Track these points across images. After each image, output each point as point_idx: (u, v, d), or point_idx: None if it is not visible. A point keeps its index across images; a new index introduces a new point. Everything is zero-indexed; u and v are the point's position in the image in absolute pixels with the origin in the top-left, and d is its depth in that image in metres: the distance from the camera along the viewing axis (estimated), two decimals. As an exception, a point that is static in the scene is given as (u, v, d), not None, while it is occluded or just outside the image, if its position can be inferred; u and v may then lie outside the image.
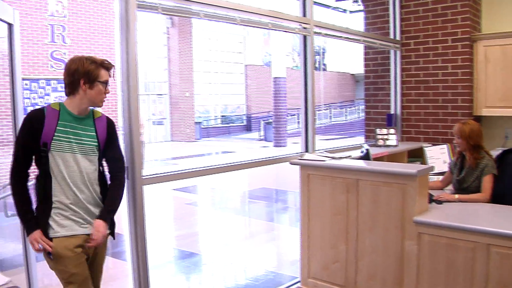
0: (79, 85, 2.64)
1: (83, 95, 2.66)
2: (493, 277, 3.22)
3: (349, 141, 13.06)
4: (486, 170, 4.04)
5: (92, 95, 2.68)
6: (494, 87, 5.44)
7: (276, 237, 7.20)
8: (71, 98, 2.69)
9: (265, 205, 9.92)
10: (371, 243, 3.84)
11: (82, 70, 2.63)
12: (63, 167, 2.64)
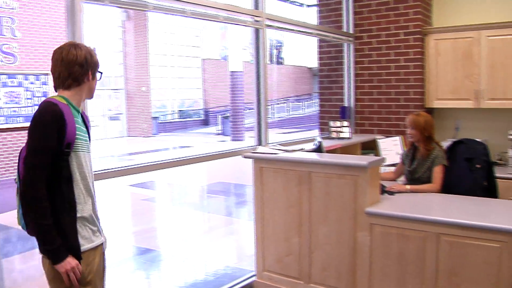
0: (87, 76, 2.40)
1: (86, 87, 2.43)
2: (443, 265, 3.30)
3: (307, 134, 13.13)
4: (436, 161, 4.12)
5: (93, 86, 2.47)
6: (444, 80, 5.56)
7: (235, 231, 7.20)
8: (74, 90, 2.39)
9: (223, 199, 9.90)
10: (324, 235, 3.87)
11: (92, 60, 2.42)
12: (79, 169, 2.36)
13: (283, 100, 27.95)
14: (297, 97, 29.39)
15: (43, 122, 2.24)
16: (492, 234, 3.12)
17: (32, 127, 2.25)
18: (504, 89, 5.23)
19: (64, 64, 2.35)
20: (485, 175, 4.20)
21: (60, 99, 2.33)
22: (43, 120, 2.24)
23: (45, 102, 2.29)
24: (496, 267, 3.10)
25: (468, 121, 5.76)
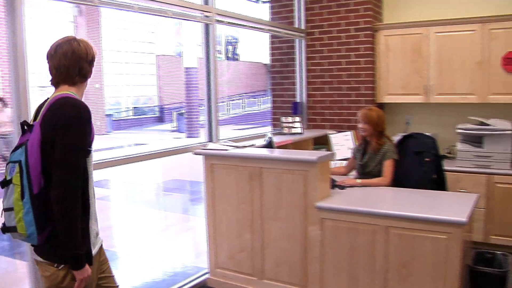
0: (90, 74, 2.32)
1: (85, 84, 2.34)
2: (393, 258, 3.36)
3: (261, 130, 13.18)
4: (387, 155, 4.18)
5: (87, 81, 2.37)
6: (395, 75, 5.65)
7: (191, 229, 7.15)
8: (78, 87, 2.28)
9: (179, 196, 9.82)
10: (276, 231, 3.88)
11: (93, 55, 2.32)
12: (89, 168, 2.26)
13: (239, 97, 27.92)
14: (253, 93, 29.39)
15: (81, 119, 2.14)
16: (439, 226, 3.19)
17: (69, 124, 2.11)
18: (452, 84, 5.36)
19: (74, 58, 2.24)
20: (434, 168, 4.28)
21: (73, 95, 2.23)
22: (80, 117, 2.14)
23: (68, 98, 2.18)
24: (444, 258, 3.18)
25: (418, 116, 5.88)
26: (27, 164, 2.09)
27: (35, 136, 2.12)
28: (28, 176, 2.09)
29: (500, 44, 5.11)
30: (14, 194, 2.10)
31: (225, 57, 28.81)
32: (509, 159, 4.97)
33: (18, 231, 2.12)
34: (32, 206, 2.08)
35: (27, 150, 2.11)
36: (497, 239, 5.01)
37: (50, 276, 2.20)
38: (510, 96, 5.12)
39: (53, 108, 2.15)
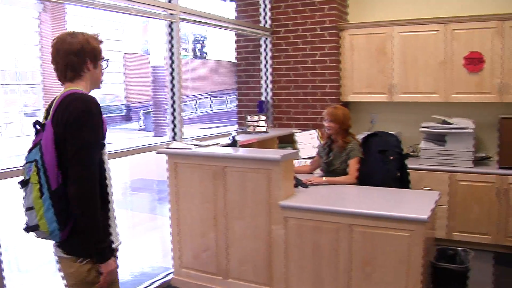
0: (85, 66, 2.26)
1: (88, 77, 2.28)
2: (356, 256, 3.39)
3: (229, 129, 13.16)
4: (352, 153, 4.20)
5: (97, 75, 2.32)
6: (359, 74, 5.70)
7: (158, 228, 7.07)
8: (77, 82, 2.26)
9: (146, 196, 9.72)
10: (240, 230, 3.86)
11: (89, 48, 2.26)
12: (106, 163, 2.28)
13: (206, 95, 27.79)
14: (221, 92, 29.29)
15: (90, 114, 2.12)
16: (402, 223, 3.22)
17: (79, 120, 2.10)
18: (415, 83, 5.43)
19: (61, 54, 2.22)
20: (398, 167, 4.33)
21: (83, 90, 2.22)
22: (90, 111, 2.12)
23: (77, 93, 2.17)
24: (406, 255, 3.21)
25: (383, 115, 5.94)
26: (43, 162, 2.10)
27: (48, 134, 2.13)
28: (45, 173, 2.09)
29: (462, 44, 5.20)
30: (33, 192, 2.11)
31: (193, 56, 28.62)
32: (471, 157, 5.06)
33: (40, 229, 2.13)
34: (52, 203, 2.09)
35: (42, 148, 2.12)
36: (460, 235, 5.10)
37: (74, 273, 2.20)
38: (472, 95, 5.22)
39: (62, 105, 2.14)
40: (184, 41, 27.80)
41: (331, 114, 4.27)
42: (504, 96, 5.07)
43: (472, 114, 5.39)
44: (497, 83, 5.08)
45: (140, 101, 26.40)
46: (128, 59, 27.10)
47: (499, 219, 4.93)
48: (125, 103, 27.30)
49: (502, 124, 4.95)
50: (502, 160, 4.95)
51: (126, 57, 27.08)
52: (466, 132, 5.04)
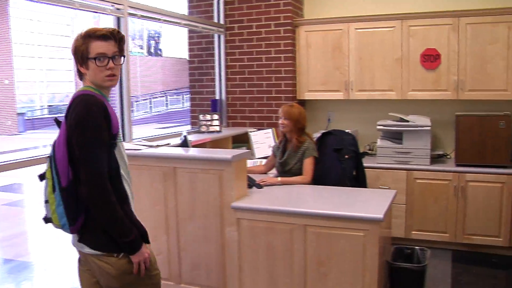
0: (79, 66, 2.36)
1: (87, 76, 2.36)
2: (311, 257, 3.42)
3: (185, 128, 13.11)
4: (307, 152, 4.24)
5: (94, 74, 2.33)
6: (315, 72, 5.76)
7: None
8: (85, 82, 2.39)
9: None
10: (192, 232, 3.86)
11: (75, 48, 2.33)
12: (122, 160, 2.39)
13: (162, 94, 27.59)
14: (177, 90, 29.13)
15: (91, 115, 2.22)
16: (356, 223, 3.27)
17: (80, 121, 2.21)
18: (372, 80, 5.53)
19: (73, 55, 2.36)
20: (354, 165, 4.40)
21: (92, 90, 2.33)
22: (91, 115, 2.22)
23: (83, 95, 2.28)
24: (362, 255, 3.27)
25: (339, 113, 6.03)
26: (55, 159, 2.26)
27: (62, 132, 2.28)
28: (56, 170, 2.25)
29: (419, 41, 5.32)
30: (48, 187, 2.29)
31: (147, 53, 28.38)
32: (429, 155, 5.19)
33: (53, 222, 2.31)
34: (62, 199, 2.25)
35: (54, 145, 2.29)
36: (418, 234, 5.22)
37: (113, 267, 2.30)
38: (428, 93, 5.35)
39: (72, 106, 2.28)
40: (138, 38, 27.55)
41: (286, 112, 4.30)
42: (460, 93, 5.22)
43: (429, 111, 5.52)
44: (453, 80, 5.22)
45: (92, 101, 25.99)
46: (79, 56, 26.66)
47: (456, 217, 5.07)
48: (76, 103, 26.82)
49: (458, 121, 5.08)
50: (459, 158, 5.09)
51: (76, 54, 26.63)
52: (423, 130, 5.15)
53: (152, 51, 29.17)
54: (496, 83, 5.11)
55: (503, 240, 4.96)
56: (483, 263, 4.95)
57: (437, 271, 4.68)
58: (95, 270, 2.38)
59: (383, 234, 3.41)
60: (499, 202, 4.93)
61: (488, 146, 4.96)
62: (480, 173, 4.97)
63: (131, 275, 2.33)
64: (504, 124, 4.90)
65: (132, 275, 2.33)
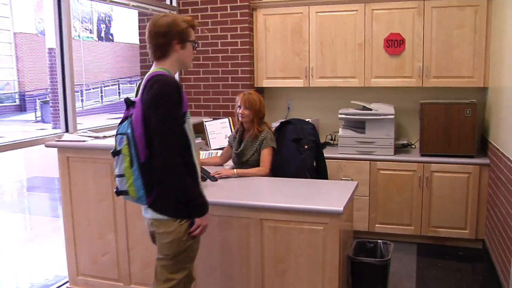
0: (171, 47, 2.73)
1: (175, 58, 2.76)
2: (268, 253, 3.45)
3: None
4: (264, 143, 4.27)
5: (184, 57, 2.79)
6: (274, 57, 5.80)
7: (61, 233, 6.88)
8: (164, 62, 2.75)
9: (45, 196, 9.44)
10: (142, 230, 3.79)
11: (176, 29, 2.71)
12: (191, 136, 2.80)
13: (114, 82, 27.22)
14: (130, 78, 28.78)
15: (168, 93, 2.61)
16: (315, 216, 3.31)
17: (158, 99, 2.59)
18: (333, 67, 5.60)
19: (150, 35, 2.73)
20: (314, 156, 4.45)
21: (165, 71, 2.71)
22: (168, 91, 2.61)
23: (158, 75, 2.66)
24: (321, 250, 3.31)
25: (299, 101, 6.08)
26: (134, 137, 2.62)
27: (138, 111, 2.65)
28: (136, 147, 2.63)
29: (383, 25, 5.42)
30: (124, 163, 2.65)
31: (98, 38, 27.89)
32: (392, 145, 5.29)
33: (130, 195, 2.70)
34: (140, 173, 2.64)
35: (132, 124, 2.64)
36: (382, 227, 5.34)
37: (173, 231, 2.75)
38: (392, 80, 5.46)
39: (147, 86, 2.64)
40: (87, 21, 27.05)
41: (246, 100, 4.30)
42: (425, 80, 5.34)
43: (393, 99, 5.63)
44: (418, 67, 5.33)
45: (36, 89, 25.46)
46: (20, 39, 25.92)
47: (422, 209, 5.21)
48: (18, 91, 26.21)
49: (423, 109, 5.19)
50: (424, 147, 5.21)
51: (17, 38, 25.87)
52: (386, 119, 5.25)
53: (102, 36, 28.66)
54: (462, 69, 5.24)
55: (469, 232, 5.12)
56: (449, 256, 5.09)
57: (401, 266, 4.79)
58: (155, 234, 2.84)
59: (343, 227, 3.46)
60: (465, 193, 5.07)
61: (454, 135, 5.10)
62: (445, 163, 5.11)
63: (184, 244, 2.79)
64: (470, 113, 5.03)
65: (184, 244, 2.79)
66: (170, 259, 2.83)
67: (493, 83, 5.07)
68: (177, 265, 2.85)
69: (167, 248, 2.80)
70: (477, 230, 5.10)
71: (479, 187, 5.03)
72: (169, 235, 2.76)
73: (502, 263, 4.19)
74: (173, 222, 2.74)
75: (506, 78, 4.39)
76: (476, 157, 5.10)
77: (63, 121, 4.34)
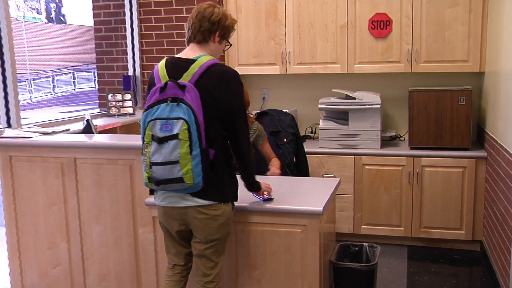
0: (213, 36, 3.05)
1: (210, 47, 3.08)
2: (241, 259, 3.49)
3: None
4: (261, 137, 4.36)
5: (217, 50, 3.13)
6: (246, 42, 5.78)
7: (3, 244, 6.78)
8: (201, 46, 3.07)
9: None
10: (99, 236, 3.83)
11: (224, 23, 3.06)
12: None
13: (68, 70, 26.92)
14: (87, 66, 28.49)
15: (242, 85, 3.08)
16: (291, 218, 3.32)
17: (236, 89, 3.03)
18: (312, 52, 5.60)
19: (199, 17, 3.03)
20: (293, 150, 4.46)
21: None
22: (241, 83, 3.07)
23: (219, 64, 2.99)
24: (299, 255, 3.33)
25: (276, 90, 6.09)
26: (197, 122, 2.82)
27: (195, 96, 2.86)
28: (199, 132, 2.84)
29: (367, 5, 5.43)
30: (181, 149, 2.82)
31: (47, 19, 27.47)
32: (379, 137, 5.30)
33: (184, 182, 2.86)
34: (201, 159, 2.86)
35: (193, 109, 2.82)
36: (368, 228, 5.37)
37: (222, 213, 3.06)
38: (378, 65, 5.47)
39: (211, 74, 2.94)
40: None
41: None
42: (414, 65, 5.36)
43: (379, 86, 5.66)
44: (406, 50, 5.35)
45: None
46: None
47: (412, 208, 5.23)
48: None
49: (412, 97, 5.20)
50: (413, 139, 5.23)
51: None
52: (372, 108, 5.26)
53: (53, 17, 28.21)
54: (456, 53, 5.27)
55: (465, 233, 5.16)
56: (443, 260, 5.13)
57: (390, 271, 4.81)
58: (195, 224, 3.06)
59: (324, 229, 3.47)
60: (460, 190, 5.11)
61: (447, 126, 5.12)
62: (437, 157, 5.13)
63: (230, 223, 3.16)
64: (465, 100, 5.05)
65: (231, 223, 3.17)
66: (221, 241, 3.14)
67: (490, 67, 5.10)
68: (222, 247, 3.18)
69: (216, 232, 3.08)
70: (473, 230, 5.14)
71: (475, 182, 5.07)
72: (219, 217, 3.05)
73: (502, 266, 4.22)
74: (219, 205, 3.05)
75: (504, 61, 4.41)
76: (471, 149, 5.13)
77: (3, 115, 4.26)
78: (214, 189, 3.02)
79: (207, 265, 3.12)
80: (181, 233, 3.16)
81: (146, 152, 2.90)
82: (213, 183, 3.01)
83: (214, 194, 3.03)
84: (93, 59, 28.52)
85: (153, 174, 2.89)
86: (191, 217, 3.04)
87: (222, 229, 3.09)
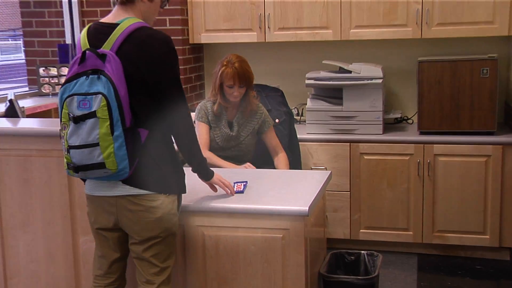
0: None
1: (139, 8, 3.03)
2: (209, 269, 3.45)
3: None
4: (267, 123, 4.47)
5: (150, 10, 3.09)
6: (215, 3, 5.73)
7: None
8: (129, 9, 3.00)
9: None
10: (27, 248, 3.82)
11: None
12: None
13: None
14: (13, 31, 28.25)
15: (174, 51, 3.04)
16: (270, 220, 3.31)
17: (166, 57, 2.99)
18: (298, 14, 5.59)
19: None
20: (288, 133, 4.50)
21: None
22: (173, 49, 3.03)
23: (149, 29, 2.96)
24: (280, 265, 3.33)
25: (253, 62, 5.92)
26: (118, 97, 2.80)
27: (117, 66, 2.83)
28: (121, 109, 2.81)
29: (366, -47, 5.40)
30: (100, 128, 2.80)
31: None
32: (380, 120, 5.31)
33: (106, 167, 2.85)
34: (125, 140, 2.84)
35: (113, 82, 2.80)
36: (369, 233, 5.39)
37: (160, 205, 3.06)
38: (379, 30, 5.47)
39: (134, 40, 2.90)
40: None
41: (242, 76, 4.34)
42: (425, 30, 5.36)
43: (381, 57, 5.68)
44: (415, 11, 5.33)
45: None
46: None
47: (422, 207, 5.25)
48: None
49: (422, 70, 5.20)
50: (423, 122, 5.24)
51: None
52: (371, 84, 5.26)
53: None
54: (477, 12, 5.22)
55: (490, 238, 5.18)
56: (463, 271, 5.13)
57: (395, 285, 4.83)
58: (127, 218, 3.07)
59: (311, 234, 3.48)
60: (483, 184, 5.13)
61: (465, 105, 5.13)
62: (454, 144, 5.16)
63: (174, 217, 3.15)
64: (488, 72, 5.04)
65: (174, 217, 3.16)
66: (162, 240, 3.12)
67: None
68: (167, 250, 3.17)
69: (153, 228, 3.07)
70: (500, 235, 5.15)
71: (502, 175, 5.08)
72: (156, 210, 3.05)
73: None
74: (157, 195, 3.05)
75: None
76: (497, 134, 5.15)
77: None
78: (150, 176, 3.03)
79: (150, 271, 3.15)
80: (111, 231, 3.18)
81: (63, 134, 2.91)
82: (149, 170, 3.03)
83: (150, 182, 3.04)
84: (17, 24, 28.44)
85: (72, 160, 2.89)
86: (123, 209, 3.05)
87: (160, 225, 3.09)
